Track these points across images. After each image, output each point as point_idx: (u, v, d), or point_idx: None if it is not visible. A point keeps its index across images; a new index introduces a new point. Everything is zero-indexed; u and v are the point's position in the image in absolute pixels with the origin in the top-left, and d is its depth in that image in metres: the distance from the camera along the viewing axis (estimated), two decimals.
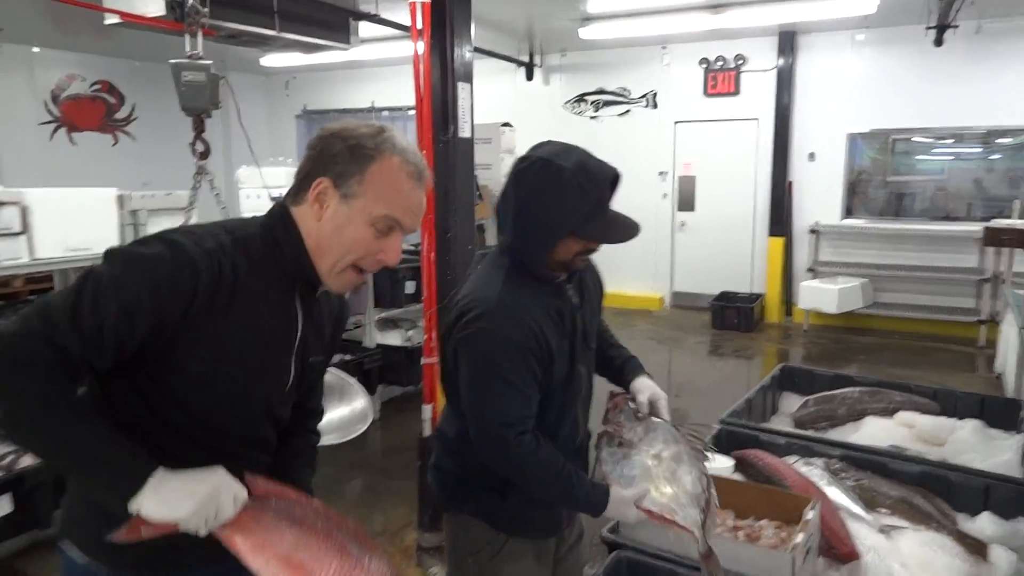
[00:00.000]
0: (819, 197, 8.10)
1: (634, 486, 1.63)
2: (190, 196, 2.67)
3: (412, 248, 3.55)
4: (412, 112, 6.46)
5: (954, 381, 5.68)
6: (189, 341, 1.18)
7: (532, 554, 1.75)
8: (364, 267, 1.31)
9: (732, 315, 7.92)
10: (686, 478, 1.65)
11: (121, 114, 9.94)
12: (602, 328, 1.95)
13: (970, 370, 6.44)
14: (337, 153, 1.25)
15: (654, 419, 1.74)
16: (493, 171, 5.70)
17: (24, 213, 3.13)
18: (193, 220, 2.82)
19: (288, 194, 1.32)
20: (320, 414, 1.60)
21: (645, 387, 1.84)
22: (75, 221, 3.32)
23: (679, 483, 1.64)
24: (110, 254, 1.20)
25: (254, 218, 1.33)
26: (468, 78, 2.99)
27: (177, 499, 1.11)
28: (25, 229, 3.13)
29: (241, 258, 1.23)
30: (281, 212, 1.31)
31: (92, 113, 9.66)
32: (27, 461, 3.14)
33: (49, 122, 9.20)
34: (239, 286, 1.21)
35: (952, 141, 7.69)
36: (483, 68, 7.36)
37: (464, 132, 2.91)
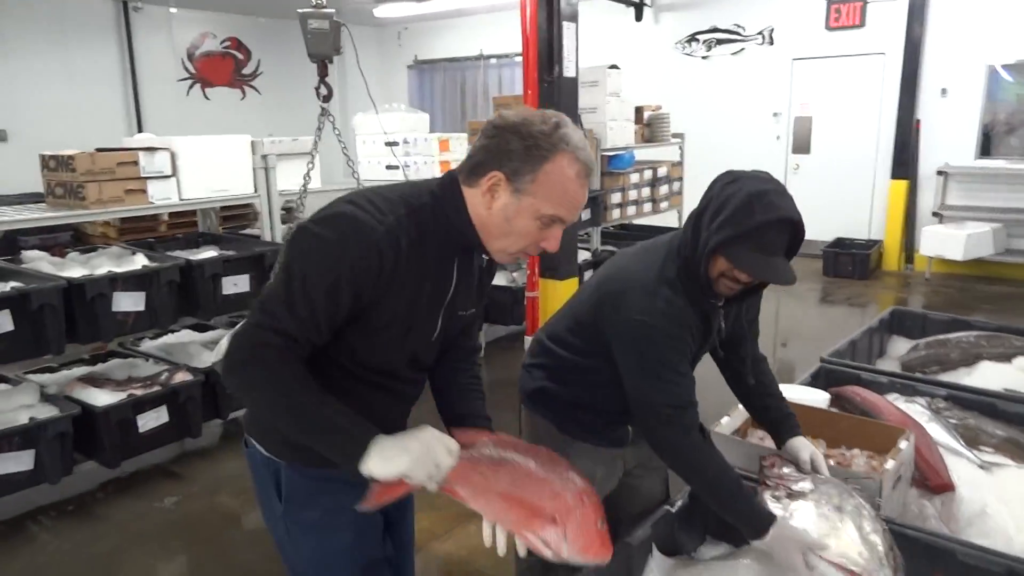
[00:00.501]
0: (950, 137, 7.56)
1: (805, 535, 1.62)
2: (315, 136, 2.90)
3: None
4: (519, 58, 6.50)
5: None
6: (368, 306, 1.34)
7: (593, 457, 1.87)
8: (528, 252, 1.43)
9: (846, 262, 7.63)
10: (873, 537, 1.63)
11: (248, 69, 10.56)
12: (763, 370, 2.04)
13: None
14: (513, 150, 1.32)
15: (820, 475, 1.76)
16: (599, 114, 5.68)
17: (173, 158, 3.50)
18: (317, 162, 3.05)
19: (460, 171, 1.41)
20: (478, 350, 1.74)
21: (805, 446, 1.90)
22: (215, 166, 3.67)
23: (866, 541, 1.63)
24: (302, 239, 1.31)
25: (426, 184, 1.44)
26: (573, 18, 3.05)
27: (397, 455, 1.27)
28: (174, 172, 3.50)
29: (414, 229, 1.34)
30: (453, 189, 1.40)
31: (223, 69, 10.31)
32: (180, 377, 3.57)
33: (186, 79, 9.91)
34: (411, 255, 1.34)
35: None
36: (590, 9, 7.28)
37: (569, 72, 2.98)
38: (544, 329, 2.03)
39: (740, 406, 2.27)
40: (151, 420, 3.37)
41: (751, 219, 1.57)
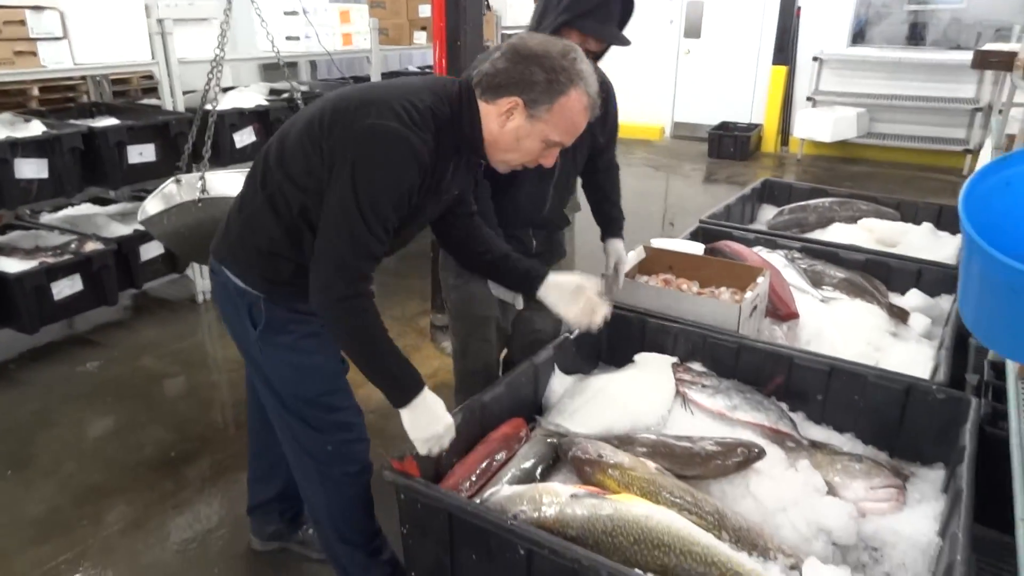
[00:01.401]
0: (827, 24, 8.04)
1: None
2: None
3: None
4: None
5: None
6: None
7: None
8: (525, 166, 1.65)
9: (728, 144, 8.15)
10: (768, 404, 2.09)
11: None
12: (612, 177, 2.40)
13: (953, 197, 6.77)
14: (536, 82, 1.49)
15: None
16: None
17: (63, 19, 3.34)
18: (230, 33, 3.00)
19: (479, 85, 1.56)
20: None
21: (615, 251, 2.34)
22: (108, 29, 3.52)
23: (764, 409, 2.07)
24: (365, 165, 1.45)
25: (445, 91, 1.58)
26: None
27: (421, 424, 1.58)
28: (65, 35, 3.36)
29: (433, 133, 1.51)
30: (471, 103, 1.56)
31: None
32: (91, 246, 3.58)
33: None
34: (434, 165, 1.55)
35: None
36: None
37: None
38: None
39: (630, 252, 2.65)
40: (65, 288, 3.40)
41: None
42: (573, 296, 1.91)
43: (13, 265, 3.33)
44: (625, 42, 1.98)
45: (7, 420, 3.07)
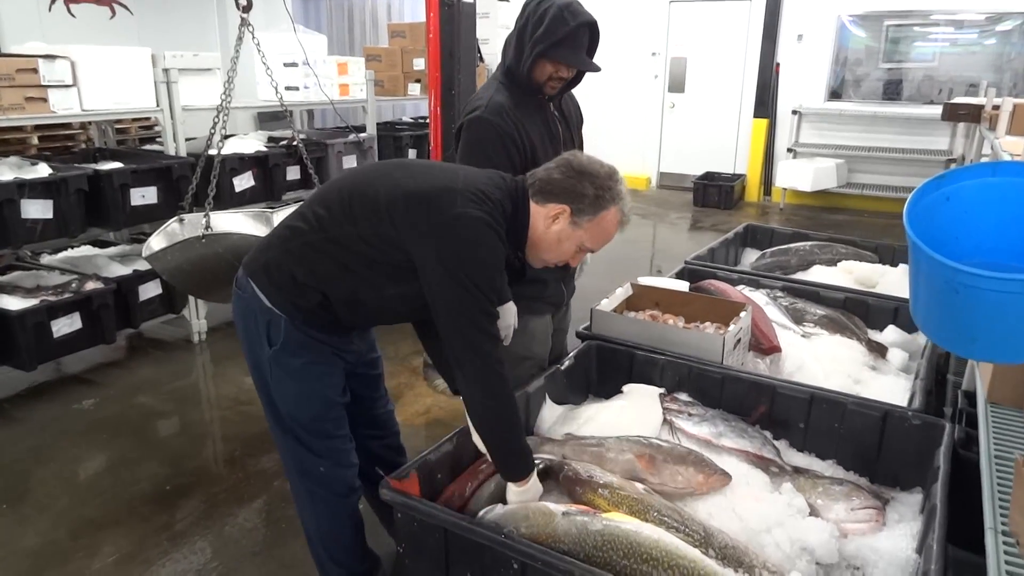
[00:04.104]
0: (805, 80, 8.37)
1: None
2: (236, 47, 3.01)
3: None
4: None
5: None
6: None
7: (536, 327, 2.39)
8: (556, 265, 1.84)
9: (713, 193, 8.37)
10: (753, 432, 2.18)
11: None
12: None
13: None
14: (586, 195, 1.70)
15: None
16: (491, 46, 5.93)
17: (73, 68, 3.49)
18: (235, 82, 3.14)
19: (532, 187, 1.74)
20: None
21: None
22: (116, 77, 3.66)
23: (749, 436, 2.16)
24: (465, 253, 1.59)
25: (506, 187, 1.73)
26: None
27: (526, 498, 1.74)
28: (75, 82, 3.49)
29: (503, 226, 1.67)
30: (525, 200, 1.73)
31: None
32: (91, 285, 3.65)
33: None
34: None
35: (952, 29, 7.80)
36: None
37: None
38: None
39: (619, 289, 2.76)
40: (65, 326, 3.46)
41: (566, 26, 2.05)
42: None
43: (15, 303, 3.39)
44: (595, 68, 2.15)
45: (2, 456, 3.09)
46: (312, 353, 1.81)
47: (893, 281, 3.64)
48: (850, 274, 3.80)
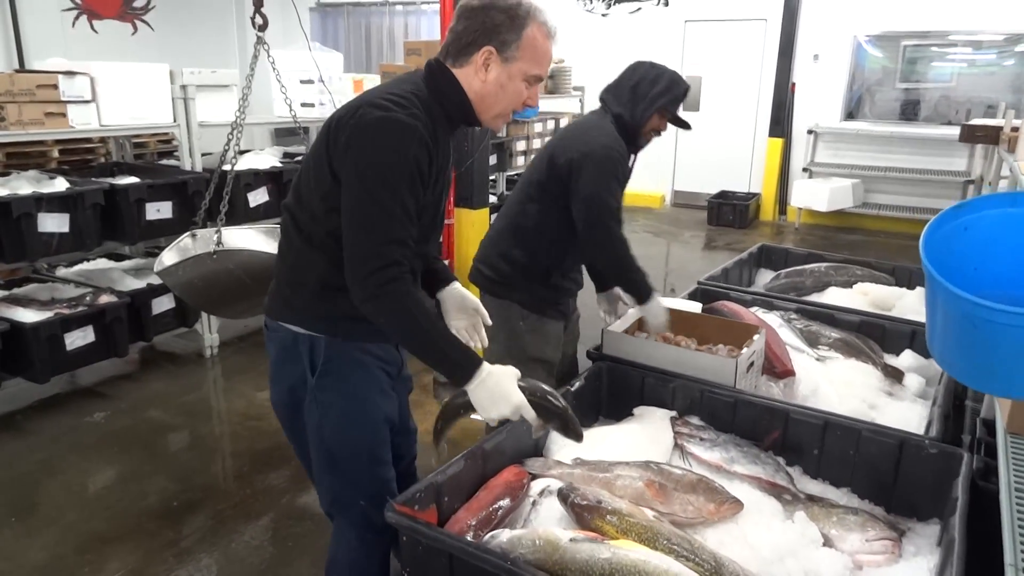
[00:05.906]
0: (821, 99, 8.34)
1: None
2: (251, 64, 3.03)
3: None
4: (425, 6, 6.46)
5: None
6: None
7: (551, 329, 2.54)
8: (515, 111, 1.72)
9: (728, 212, 8.34)
10: (765, 457, 2.15)
11: (139, 2, 10.06)
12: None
13: None
14: (500, 24, 1.56)
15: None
16: None
17: (92, 84, 3.53)
18: (250, 99, 3.17)
19: (446, 56, 1.62)
20: None
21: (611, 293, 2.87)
22: (134, 93, 3.71)
23: (761, 462, 2.14)
24: (363, 154, 1.47)
25: (411, 78, 1.62)
26: None
27: (485, 405, 1.57)
28: (94, 98, 3.54)
29: (428, 119, 1.53)
30: (444, 73, 1.61)
31: (111, 1, 9.79)
32: (106, 299, 3.67)
33: (70, 9, 9.36)
34: (434, 144, 1.56)
35: (970, 49, 7.73)
36: None
37: None
38: (491, 230, 2.65)
39: (631, 309, 2.75)
40: (78, 339, 3.48)
41: (680, 87, 2.52)
42: (466, 311, 2.01)
43: (29, 315, 3.41)
44: (689, 126, 2.68)
45: (13, 469, 3.10)
46: (360, 370, 1.72)
47: (910, 304, 3.59)
48: (866, 296, 3.75)
